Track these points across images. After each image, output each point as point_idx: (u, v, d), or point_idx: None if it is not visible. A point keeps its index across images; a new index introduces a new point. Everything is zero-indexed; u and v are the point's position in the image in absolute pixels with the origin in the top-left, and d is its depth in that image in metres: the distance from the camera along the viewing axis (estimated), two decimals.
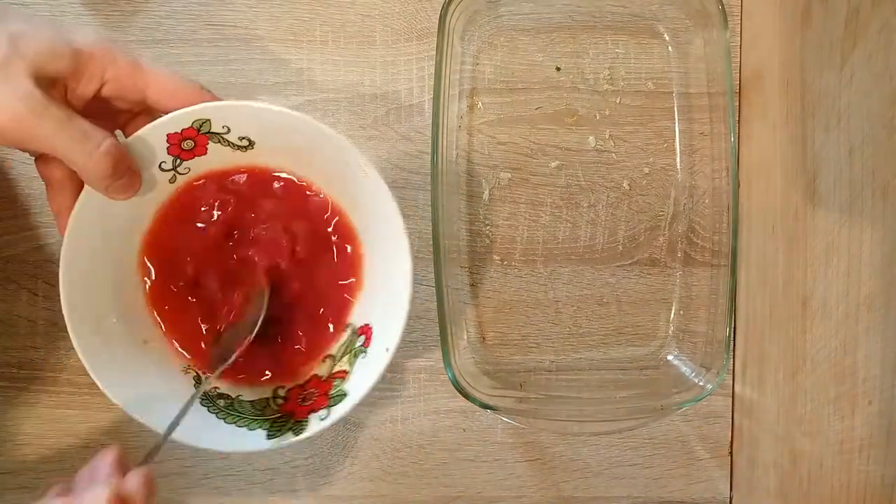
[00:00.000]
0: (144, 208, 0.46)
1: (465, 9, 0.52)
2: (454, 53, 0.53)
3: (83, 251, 0.43)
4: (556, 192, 0.55)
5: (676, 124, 0.55)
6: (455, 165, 0.54)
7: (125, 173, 0.41)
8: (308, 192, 0.47)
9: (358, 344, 0.47)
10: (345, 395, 0.46)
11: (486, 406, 0.50)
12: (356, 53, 0.54)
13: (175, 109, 0.41)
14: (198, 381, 0.47)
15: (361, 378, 0.46)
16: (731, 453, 0.56)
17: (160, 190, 0.46)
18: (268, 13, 0.54)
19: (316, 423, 0.45)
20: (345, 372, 0.47)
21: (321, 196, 0.47)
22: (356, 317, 0.48)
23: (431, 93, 0.52)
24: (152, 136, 0.42)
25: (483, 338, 0.56)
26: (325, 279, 0.48)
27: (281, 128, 0.43)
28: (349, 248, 0.48)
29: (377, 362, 0.45)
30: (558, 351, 0.56)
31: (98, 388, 0.43)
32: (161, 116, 0.41)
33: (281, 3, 0.54)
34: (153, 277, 0.47)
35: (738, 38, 0.55)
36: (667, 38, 0.55)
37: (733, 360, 0.55)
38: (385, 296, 0.46)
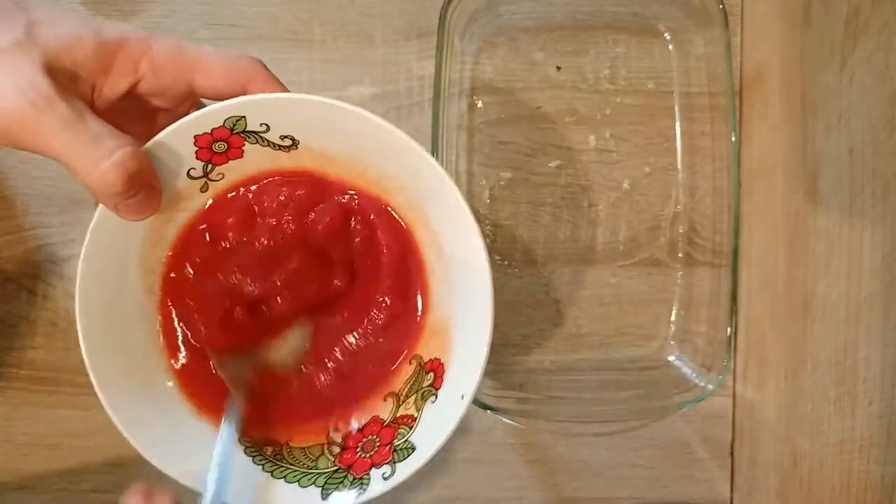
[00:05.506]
0: (172, 227, 0.40)
1: (465, 8, 0.52)
2: (454, 52, 0.53)
3: (104, 278, 0.37)
4: (556, 192, 0.55)
5: (677, 124, 0.55)
6: (455, 165, 0.54)
7: (140, 189, 0.34)
8: (368, 197, 0.41)
9: (426, 383, 0.41)
10: (412, 448, 0.39)
11: (486, 407, 0.50)
12: (356, 53, 0.54)
13: (228, 95, 0.35)
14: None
15: (432, 429, 0.39)
16: (731, 454, 0.56)
17: (191, 202, 0.39)
18: (268, 13, 0.54)
19: (378, 483, 0.38)
20: (412, 418, 0.40)
21: (382, 205, 0.41)
22: (424, 349, 0.42)
23: (431, 92, 0.52)
24: (177, 139, 0.35)
25: None
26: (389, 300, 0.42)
27: (331, 125, 0.37)
28: (416, 265, 0.42)
29: (451, 412, 0.38)
30: (559, 351, 0.56)
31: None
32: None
33: (281, 2, 0.54)
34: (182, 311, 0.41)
35: (739, 38, 0.55)
36: (667, 38, 0.55)
37: (734, 361, 0.55)
38: (460, 329, 0.40)
